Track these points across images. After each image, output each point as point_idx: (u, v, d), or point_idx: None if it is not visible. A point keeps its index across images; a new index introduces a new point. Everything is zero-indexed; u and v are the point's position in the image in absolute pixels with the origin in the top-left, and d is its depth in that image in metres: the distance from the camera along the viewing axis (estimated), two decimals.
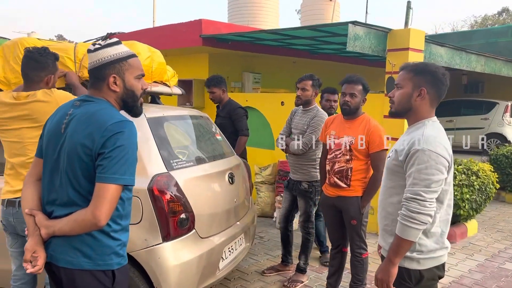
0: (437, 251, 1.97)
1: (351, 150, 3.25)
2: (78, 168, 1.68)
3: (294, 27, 5.80)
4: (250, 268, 4.31)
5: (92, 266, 1.72)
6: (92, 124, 1.69)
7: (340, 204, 3.33)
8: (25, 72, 2.55)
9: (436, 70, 1.97)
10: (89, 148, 1.66)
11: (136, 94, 1.86)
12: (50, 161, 1.78)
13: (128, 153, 1.68)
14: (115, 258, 1.78)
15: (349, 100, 3.25)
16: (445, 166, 1.87)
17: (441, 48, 6.02)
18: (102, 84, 1.80)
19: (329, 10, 15.42)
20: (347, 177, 3.28)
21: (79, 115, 1.75)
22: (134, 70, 1.84)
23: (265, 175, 6.26)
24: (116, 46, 1.81)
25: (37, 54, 2.53)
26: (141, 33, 7.81)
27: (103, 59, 1.77)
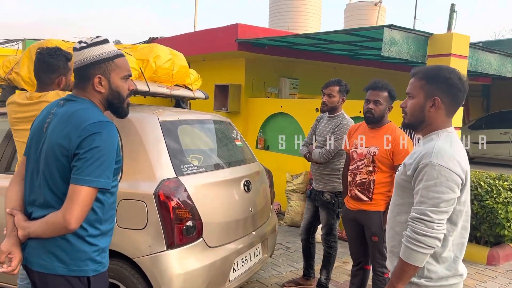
0: (449, 278, 1.74)
1: (374, 161, 3.04)
2: (55, 168, 1.64)
3: (328, 31, 5.62)
4: (271, 279, 4.17)
5: (66, 272, 1.66)
6: (70, 124, 1.64)
7: (361, 218, 3.13)
8: (36, 73, 2.58)
9: (450, 75, 1.75)
10: (65, 148, 1.62)
11: (122, 95, 1.81)
12: (32, 161, 1.75)
13: (105, 155, 1.62)
14: (91, 264, 1.70)
15: (373, 107, 3.05)
16: (458, 183, 1.65)
17: (490, 54, 5.61)
18: (86, 84, 1.75)
19: (374, 15, 14.96)
20: (369, 190, 3.07)
21: (60, 114, 1.71)
22: (120, 71, 1.78)
23: (297, 183, 6.09)
24: (103, 45, 1.74)
25: (48, 56, 2.54)
26: (180, 37, 7.91)
27: (88, 58, 1.72)
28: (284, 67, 7.78)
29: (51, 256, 1.65)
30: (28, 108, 2.50)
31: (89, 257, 1.69)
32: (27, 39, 8.01)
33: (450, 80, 1.75)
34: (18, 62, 3.29)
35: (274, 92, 7.72)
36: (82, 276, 1.68)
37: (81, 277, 1.68)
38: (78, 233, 1.65)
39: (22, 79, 3.23)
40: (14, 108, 2.55)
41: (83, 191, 1.58)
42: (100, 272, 1.74)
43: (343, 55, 7.84)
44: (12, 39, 8.07)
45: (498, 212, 4.54)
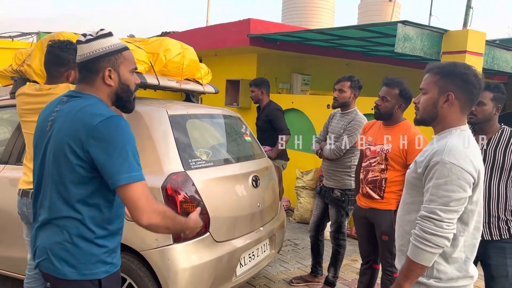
0: (459, 280, 1.70)
1: (387, 159, 2.99)
2: (65, 169, 1.59)
3: (341, 27, 5.55)
4: (278, 276, 4.15)
5: (77, 276, 1.62)
6: (79, 122, 1.58)
7: (372, 216, 3.08)
8: (46, 66, 2.58)
9: (466, 71, 1.70)
10: (76, 149, 1.56)
11: (131, 89, 1.75)
12: (38, 161, 1.72)
13: (128, 148, 1.57)
14: (101, 266, 1.66)
15: (380, 103, 3.03)
16: (469, 182, 1.60)
17: (507, 52, 5.48)
18: (95, 78, 1.68)
19: (388, 11, 14.75)
20: (380, 188, 3.02)
21: (65, 112, 1.65)
22: (128, 63, 1.73)
23: (307, 180, 6.05)
24: (110, 37, 1.69)
25: (58, 49, 2.53)
26: (192, 32, 7.90)
27: (97, 51, 1.65)
28: (296, 62, 7.72)
29: (60, 261, 1.62)
30: (37, 99, 2.51)
31: (99, 259, 1.65)
32: (41, 32, 8.08)
33: (466, 76, 1.70)
34: (30, 54, 3.31)
35: (286, 88, 7.67)
36: (93, 279, 1.65)
37: (93, 280, 1.65)
38: (85, 236, 1.62)
39: (33, 71, 3.24)
40: (23, 99, 2.56)
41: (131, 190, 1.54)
42: (112, 273, 1.71)
43: (356, 51, 7.76)
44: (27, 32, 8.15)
45: None
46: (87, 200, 1.61)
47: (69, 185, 1.59)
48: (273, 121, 4.78)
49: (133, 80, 1.76)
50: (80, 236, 1.61)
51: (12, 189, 2.80)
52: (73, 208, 1.60)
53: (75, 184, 1.59)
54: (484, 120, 2.59)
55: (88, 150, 1.55)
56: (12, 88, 3.43)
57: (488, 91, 2.59)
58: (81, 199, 1.60)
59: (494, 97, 2.58)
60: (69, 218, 1.61)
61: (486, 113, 2.57)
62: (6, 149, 3.31)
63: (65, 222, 1.61)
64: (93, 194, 1.62)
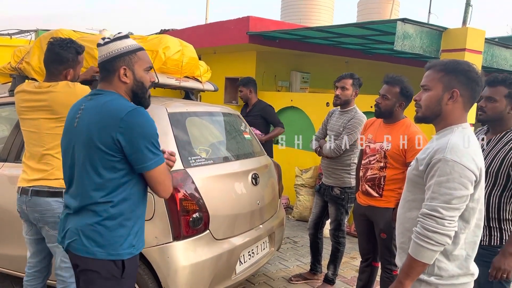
0: (460, 277, 1.70)
1: (386, 157, 2.98)
2: (97, 160, 1.75)
3: (340, 24, 5.53)
4: (277, 273, 4.15)
5: (104, 256, 1.78)
6: (107, 116, 1.75)
7: (371, 214, 3.08)
8: (45, 63, 2.57)
9: (469, 68, 1.70)
10: (107, 140, 1.73)
11: (145, 86, 1.91)
12: (68, 156, 1.89)
13: (152, 135, 1.77)
14: (127, 248, 1.82)
15: (380, 101, 3.01)
16: (471, 180, 1.60)
17: (506, 50, 5.48)
18: (112, 77, 1.86)
19: (387, 9, 14.75)
20: (379, 185, 3.01)
21: (90, 108, 1.82)
22: (142, 63, 1.89)
23: (306, 178, 6.06)
24: (125, 39, 1.87)
25: (58, 47, 2.52)
26: (192, 30, 7.88)
27: (113, 51, 1.84)
28: (295, 60, 7.71)
29: (90, 241, 1.77)
30: (36, 96, 2.50)
31: (126, 240, 1.81)
32: (40, 30, 8.05)
33: (469, 73, 1.70)
34: (28, 51, 3.30)
35: (285, 85, 7.66)
36: (117, 259, 1.80)
37: (116, 260, 1.80)
38: (115, 218, 1.78)
39: (32, 69, 3.23)
40: (23, 97, 2.55)
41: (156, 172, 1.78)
42: (134, 255, 1.86)
43: (355, 49, 7.75)
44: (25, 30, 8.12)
45: None
46: (118, 186, 1.78)
47: (102, 172, 1.76)
48: (268, 117, 5.02)
49: (147, 78, 1.92)
50: (110, 219, 1.78)
51: (11, 187, 2.80)
52: (105, 193, 1.77)
53: (107, 171, 1.76)
54: (494, 118, 2.38)
55: (118, 140, 1.72)
56: (11, 86, 3.42)
57: (503, 86, 2.35)
58: (112, 185, 1.77)
59: (509, 94, 2.33)
60: (101, 203, 1.77)
61: (497, 110, 2.35)
62: (5, 147, 3.30)
63: (97, 207, 1.77)
64: (123, 180, 1.79)
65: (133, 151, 1.73)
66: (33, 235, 2.58)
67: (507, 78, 2.37)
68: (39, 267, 2.63)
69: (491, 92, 2.33)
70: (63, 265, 2.53)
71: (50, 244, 2.55)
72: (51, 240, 2.53)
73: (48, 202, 2.47)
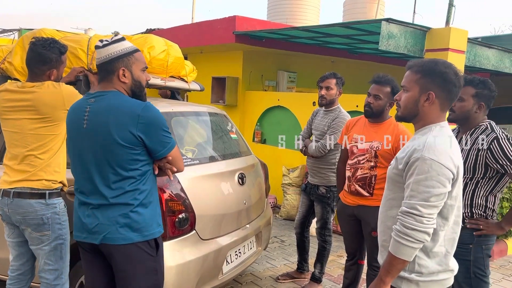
0: (440, 273, 1.74)
1: (377, 157, 2.97)
2: (119, 154, 1.90)
3: (326, 24, 5.57)
4: (265, 272, 4.17)
5: (141, 238, 1.97)
6: (123, 114, 1.91)
7: (360, 214, 3.07)
8: (28, 64, 2.54)
9: (446, 70, 1.73)
10: (127, 135, 1.89)
11: (142, 85, 2.07)
12: (76, 157, 2.02)
13: (163, 124, 1.99)
14: (156, 227, 2.04)
15: (372, 102, 2.99)
16: (449, 178, 1.63)
17: (489, 50, 5.57)
18: (112, 77, 2.00)
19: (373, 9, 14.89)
20: (370, 185, 3.01)
21: (100, 108, 1.95)
22: (139, 63, 2.05)
23: (293, 177, 6.08)
24: (122, 42, 2.02)
25: (41, 47, 2.49)
26: (178, 29, 7.85)
27: (112, 54, 1.98)
28: (282, 60, 7.74)
29: (126, 228, 1.95)
30: (19, 96, 2.48)
31: (155, 220, 2.04)
32: (23, 29, 7.95)
33: (446, 75, 1.73)
34: (11, 51, 3.26)
35: (272, 85, 7.68)
36: (151, 239, 2.01)
37: (150, 240, 2.01)
38: (143, 203, 1.98)
39: (14, 69, 3.20)
40: (5, 96, 2.52)
41: (174, 153, 2.04)
42: (162, 232, 2.09)
43: (341, 49, 7.80)
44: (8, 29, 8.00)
45: None
46: (141, 174, 1.98)
47: (125, 165, 1.93)
48: None
49: (144, 77, 2.08)
50: (140, 205, 1.97)
51: None
52: (130, 183, 1.95)
53: (130, 163, 1.93)
54: (462, 117, 2.46)
55: (139, 134, 1.91)
56: None
57: (471, 86, 2.43)
58: (136, 174, 1.96)
59: (476, 94, 2.41)
60: (128, 191, 1.95)
61: (465, 109, 2.43)
62: None
63: (125, 197, 1.94)
64: (144, 169, 1.99)
65: (154, 141, 1.94)
66: (16, 237, 2.56)
67: (474, 79, 2.44)
68: (22, 270, 2.60)
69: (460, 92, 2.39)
70: (47, 268, 2.51)
71: (33, 246, 2.53)
72: (34, 242, 2.51)
73: (31, 204, 2.44)
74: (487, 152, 2.32)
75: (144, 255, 1.99)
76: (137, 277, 2.00)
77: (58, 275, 2.55)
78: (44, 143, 2.49)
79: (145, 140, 1.93)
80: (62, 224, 2.54)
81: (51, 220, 2.49)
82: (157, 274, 2.08)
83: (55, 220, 2.50)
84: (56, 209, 2.51)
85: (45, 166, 2.49)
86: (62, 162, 2.59)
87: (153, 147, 1.97)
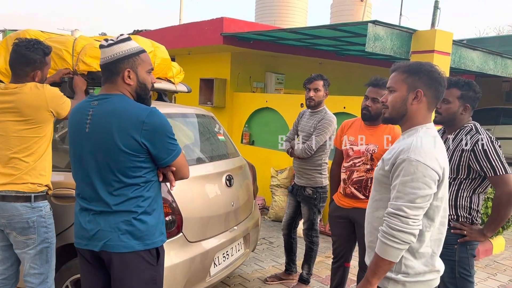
0: (426, 274, 1.75)
1: (373, 159, 2.96)
2: (122, 161, 1.82)
3: (313, 26, 5.60)
4: (253, 274, 4.16)
5: (142, 247, 1.89)
6: (127, 119, 1.82)
7: (356, 216, 3.00)
8: (11, 65, 2.51)
9: (432, 69, 1.75)
10: (130, 141, 1.81)
11: (148, 87, 1.98)
12: (77, 161, 1.93)
13: (168, 130, 1.90)
14: (159, 235, 1.97)
15: (370, 105, 2.96)
16: (434, 179, 1.64)
17: (473, 52, 5.66)
18: (116, 78, 1.90)
19: (360, 11, 15.01)
20: (366, 187, 2.99)
21: (103, 112, 1.86)
22: (145, 65, 1.95)
23: (281, 178, 6.09)
24: (128, 42, 1.91)
25: (24, 49, 2.46)
26: (165, 30, 7.82)
27: (118, 53, 1.88)
28: (270, 61, 7.75)
29: (128, 235, 1.87)
30: (2, 98, 2.44)
31: (158, 229, 1.96)
32: (8, 30, 7.84)
33: (432, 74, 1.75)
34: None
35: (260, 86, 7.69)
36: (152, 248, 1.93)
37: (151, 249, 1.93)
38: (146, 211, 1.90)
39: None
40: None
41: (178, 160, 1.95)
42: (164, 242, 2.02)
43: (329, 51, 7.85)
44: None
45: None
46: (145, 182, 1.90)
47: (128, 172, 1.85)
48: None
49: (149, 79, 1.99)
50: (144, 213, 1.89)
51: None
52: (134, 190, 1.87)
53: (133, 170, 1.85)
54: (448, 119, 2.49)
55: (143, 141, 1.83)
56: None
57: (456, 88, 2.45)
58: (139, 181, 1.88)
59: (461, 95, 2.44)
60: (132, 198, 1.87)
61: (451, 111, 2.46)
62: None
63: (129, 204, 1.87)
64: (147, 175, 1.90)
65: (159, 148, 1.86)
66: (0, 241, 2.51)
67: (459, 81, 2.47)
68: (6, 275, 2.56)
69: (445, 94, 2.41)
70: (32, 272, 2.48)
71: (18, 250, 2.49)
72: (19, 246, 2.47)
73: (16, 208, 2.41)
74: (470, 153, 2.35)
75: (144, 264, 1.92)
76: (134, 287, 1.93)
77: (44, 279, 2.51)
78: (28, 145, 2.45)
79: (149, 147, 1.85)
80: (48, 227, 2.51)
81: (37, 224, 2.45)
82: (156, 283, 2.00)
83: (40, 223, 2.47)
84: (41, 212, 2.48)
85: (30, 170, 2.46)
86: (47, 165, 2.56)
87: (158, 155, 1.89)
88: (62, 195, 2.71)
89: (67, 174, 2.65)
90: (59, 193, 2.71)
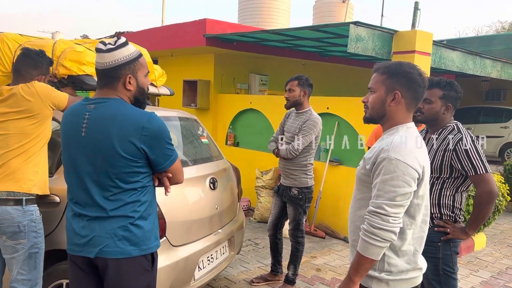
0: (409, 272, 1.77)
1: None
2: (120, 166, 1.79)
3: (296, 27, 5.62)
4: (239, 276, 4.15)
5: (138, 252, 1.87)
6: (126, 124, 1.79)
7: None
8: (17, 67, 2.57)
9: (411, 70, 1.77)
10: (129, 146, 1.78)
11: (145, 91, 1.97)
12: (71, 166, 1.89)
13: (167, 135, 1.89)
14: (154, 241, 1.95)
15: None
16: (414, 178, 1.66)
17: (453, 52, 5.75)
18: (116, 83, 1.87)
19: (342, 12, 15.13)
20: None
21: (100, 116, 1.82)
22: (144, 69, 1.94)
23: (266, 179, 6.09)
24: (128, 46, 1.88)
25: (34, 54, 2.59)
26: (148, 32, 7.76)
27: (119, 59, 1.84)
28: (253, 63, 7.75)
29: (124, 241, 1.84)
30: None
31: (153, 234, 1.94)
32: None
33: (411, 75, 1.76)
34: None
35: (244, 88, 7.68)
36: (147, 253, 1.91)
37: (147, 254, 1.91)
38: (143, 216, 1.88)
39: None
40: None
41: (175, 165, 1.96)
42: (159, 246, 2.00)
43: (312, 52, 7.88)
44: None
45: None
46: (141, 186, 1.87)
47: (126, 178, 1.82)
48: None
49: (147, 83, 1.98)
50: (140, 218, 1.87)
51: None
52: (131, 195, 1.84)
53: (130, 176, 1.82)
54: (430, 118, 2.52)
55: (142, 146, 1.81)
56: None
57: (438, 88, 2.48)
58: (137, 186, 1.85)
59: (443, 95, 2.47)
60: (129, 203, 1.84)
61: (433, 111, 2.49)
62: None
63: (125, 209, 1.83)
64: (144, 180, 1.88)
65: (157, 154, 1.85)
66: None
67: (441, 81, 2.51)
68: None
69: (427, 94, 2.45)
70: (20, 277, 2.44)
71: (7, 255, 2.45)
72: (8, 251, 2.43)
73: (7, 211, 2.38)
74: (452, 153, 2.39)
75: (140, 269, 1.89)
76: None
77: (32, 285, 2.47)
78: (23, 143, 2.45)
79: (148, 153, 1.83)
80: (37, 232, 2.48)
81: (27, 228, 2.43)
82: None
83: (31, 228, 2.44)
84: (32, 216, 2.46)
85: (21, 169, 2.44)
86: (41, 167, 2.54)
87: (156, 160, 1.87)
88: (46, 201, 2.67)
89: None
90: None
